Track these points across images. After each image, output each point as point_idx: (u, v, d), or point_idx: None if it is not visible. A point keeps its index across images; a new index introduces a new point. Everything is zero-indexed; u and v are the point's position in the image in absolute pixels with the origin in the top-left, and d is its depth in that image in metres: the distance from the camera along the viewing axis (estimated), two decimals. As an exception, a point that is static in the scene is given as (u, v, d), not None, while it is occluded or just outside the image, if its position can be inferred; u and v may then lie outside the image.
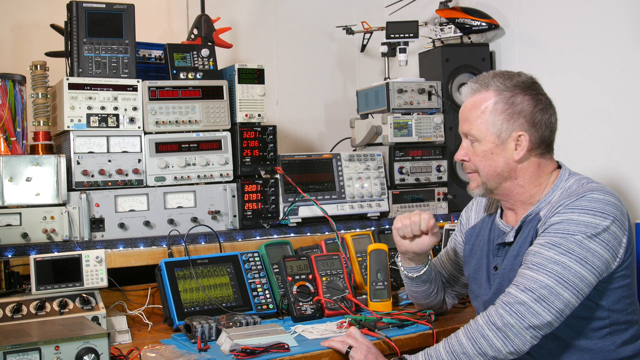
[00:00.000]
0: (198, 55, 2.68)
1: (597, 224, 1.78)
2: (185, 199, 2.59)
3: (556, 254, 1.76)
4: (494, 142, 1.94)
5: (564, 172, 1.98)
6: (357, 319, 2.15)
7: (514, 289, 1.78)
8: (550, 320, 1.74)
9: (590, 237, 1.77)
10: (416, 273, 2.17)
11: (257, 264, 2.44)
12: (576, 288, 1.74)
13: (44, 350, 1.63)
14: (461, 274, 2.26)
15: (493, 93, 1.95)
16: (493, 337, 1.75)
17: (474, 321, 1.82)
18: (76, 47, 2.48)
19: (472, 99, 1.98)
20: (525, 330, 1.73)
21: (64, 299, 2.12)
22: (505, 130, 1.93)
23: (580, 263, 1.75)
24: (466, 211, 2.28)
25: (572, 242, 1.77)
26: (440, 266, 2.32)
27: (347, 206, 2.85)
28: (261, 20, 3.67)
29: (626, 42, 2.73)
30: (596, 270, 1.77)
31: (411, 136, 3.03)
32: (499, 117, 1.93)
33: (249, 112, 2.69)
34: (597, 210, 1.80)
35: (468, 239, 2.18)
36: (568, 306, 1.75)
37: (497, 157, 1.94)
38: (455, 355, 1.79)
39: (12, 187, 2.31)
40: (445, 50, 3.24)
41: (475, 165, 1.98)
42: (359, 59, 3.93)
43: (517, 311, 1.74)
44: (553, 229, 1.81)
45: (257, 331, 2.01)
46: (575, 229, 1.78)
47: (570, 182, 1.94)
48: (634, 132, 2.72)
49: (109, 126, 2.50)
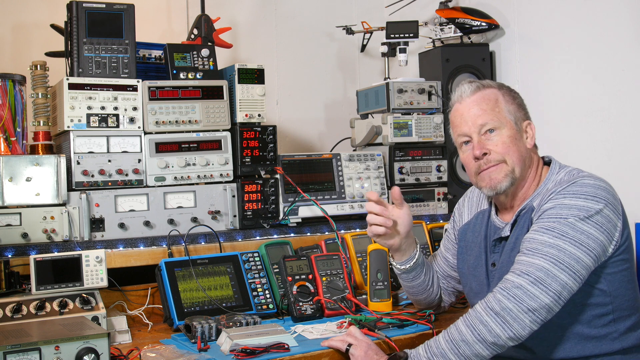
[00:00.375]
0: (198, 55, 2.68)
1: (590, 207, 1.79)
2: (185, 199, 2.59)
3: (550, 238, 1.77)
4: (515, 128, 1.97)
5: (555, 166, 2.00)
6: (357, 319, 2.15)
7: (511, 275, 1.79)
8: (548, 302, 1.73)
9: (583, 220, 1.78)
10: (411, 261, 2.17)
11: (257, 264, 2.44)
12: (572, 270, 1.74)
13: (44, 350, 1.63)
14: (455, 270, 2.27)
15: (495, 88, 2.01)
16: (492, 322, 1.74)
17: (472, 309, 1.81)
18: (76, 47, 2.48)
19: (475, 96, 2.00)
20: (523, 313, 1.72)
21: (64, 299, 2.12)
22: (519, 119, 1.99)
23: (574, 245, 1.76)
24: (458, 208, 2.28)
25: (565, 225, 1.78)
26: (435, 264, 2.32)
27: (347, 206, 2.85)
28: (261, 20, 3.67)
29: (626, 42, 2.73)
30: (591, 252, 1.77)
31: (411, 136, 3.03)
32: (512, 106, 1.99)
33: (249, 112, 2.69)
34: (589, 194, 1.81)
35: (462, 235, 2.19)
36: (565, 288, 1.74)
37: (520, 143, 1.97)
38: (455, 344, 1.78)
39: (12, 187, 2.31)
40: (445, 50, 3.25)
41: (502, 154, 1.96)
42: (359, 59, 3.93)
43: (515, 295, 1.73)
44: (546, 215, 1.83)
45: (257, 331, 2.01)
46: (568, 213, 1.79)
47: (562, 175, 1.96)
48: (634, 132, 2.72)
49: (109, 126, 2.50)
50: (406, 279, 2.22)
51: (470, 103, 2.00)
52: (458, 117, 2.03)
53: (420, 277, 2.21)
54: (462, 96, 2.02)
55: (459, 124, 2.03)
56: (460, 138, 2.04)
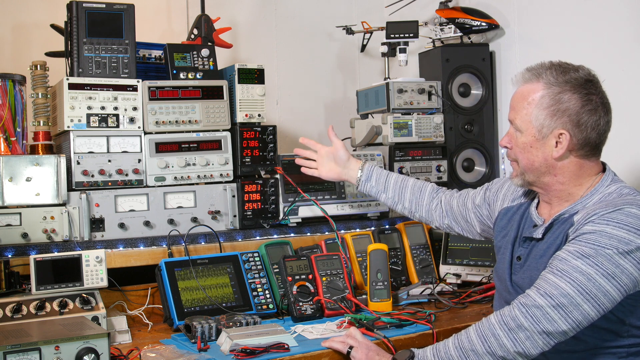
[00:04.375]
0: (198, 55, 2.68)
1: (631, 240, 1.72)
2: (185, 199, 2.59)
3: (583, 264, 1.71)
4: (535, 136, 1.89)
5: (607, 177, 1.91)
6: (357, 318, 2.15)
7: (534, 291, 1.74)
8: (565, 329, 1.70)
9: (622, 254, 1.71)
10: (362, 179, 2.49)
11: (257, 264, 2.44)
12: (598, 302, 1.69)
13: (44, 350, 1.63)
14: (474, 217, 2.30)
15: (542, 86, 1.88)
16: (504, 336, 1.73)
17: (486, 319, 1.79)
18: (76, 47, 2.48)
19: (522, 88, 1.93)
20: (538, 335, 1.70)
21: (64, 299, 2.12)
22: (547, 127, 1.87)
23: (607, 278, 1.70)
24: (501, 185, 2.24)
25: (602, 255, 1.71)
26: (464, 195, 2.35)
27: (347, 206, 2.85)
28: (261, 20, 3.67)
29: (626, 42, 2.73)
30: (623, 287, 1.71)
31: (411, 136, 3.03)
32: (543, 112, 1.87)
33: (249, 112, 2.69)
34: (633, 226, 1.73)
35: (503, 215, 2.13)
36: (586, 318, 1.71)
37: (535, 152, 1.90)
38: (464, 352, 1.77)
39: (12, 187, 2.31)
40: (445, 50, 3.24)
41: (515, 155, 1.96)
42: (359, 59, 3.93)
43: (533, 314, 1.71)
44: (584, 238, 1.75)
45: (257, 331, 2.01)
46: (608, 243, 1.72)
47: (612, 189, 1.87)
48: (634, 132, 2.72)
49: (109, 126, 2.50)
50: (373, 192, 2.50)
51: (515, 94, 1.95)
52: (510, 101, 1.98)
53: (384, 193, 2.47)
54: (514, 81, 1.97)
55: (510, 107, 1.99)
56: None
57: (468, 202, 2.33)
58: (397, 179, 2.48)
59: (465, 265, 2.77)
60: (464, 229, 2.37)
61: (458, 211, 2.35)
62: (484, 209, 2.27)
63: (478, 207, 2.28)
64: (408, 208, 2.47)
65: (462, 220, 2.35)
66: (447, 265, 2.82)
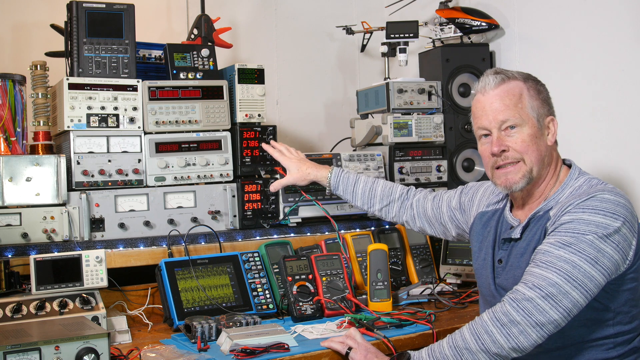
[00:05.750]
0: (198, 55, 2.68)
1: (609, 224, 1.76)
2: (185, 199, 2.59)
3: (566, 253, 1.74)
4: (536, 125, 1.92)
5: (574, 171, 1.96)
6: (357, 318, 2.15)
7: (522, 286, 1.76)
8: (557, 318, 1.72)
9: (602, 238, 1.75)
10: (331, 189, 2.50)
11: (257, 264, 2.44)
12: (585, 287, 1.73)
13: (44, 350, 1.63)
14: (449, 221, 2.32)
15: (520, 81, 1.94)
16: (497, 333, 1.74)
17: (479, 317, 1.80)
18: (76, 47, 2.48)
19: (499, 88, 1.94)
20: (531, 327, 1.72)
21: (64, 299, 2.12)
22: (542, 115, 1.94)
23: (590, 263, 1.73)
24: (475, 190, 2.26)
25: (583, 241, 1.75)
26: (439, 198, 2.36)
27: (347, 206, 2.84)
28: (261, 20, 3.67)
29: (626, 42, 2.73)
30: (606, 271, 1.75)
31: (411, 136, 3.03)
32: (536, 101, 1.93)
33: (249, 112, 2.69)
34: (608, 211, 1.78)
35: (479, 220, 2.15)
36: (576, 305, 1.73)
37: (540, 141, 1.93)
38: (458, 351, 1.78)
39: (12, 187, 2.31)
40: (445, 50, 3.24)
41: (521, 153, 1.93)
42: (359, 59, 3.93)
43: (524, 308, 1.72)
44: (564, 228, 1.79)
45: (257, 331, 2.01)
46: (587, 229, 1.76)
47: (581, 182, 1.92)
48: (634, 132, 2.72)
49: (109, 126, 2.50)
50: (344, 194, 2.51)
51: (493, 96, 1.94)
52: (480, 109, 1.97)
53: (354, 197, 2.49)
54: (485, 88, 1.96)
55: (479, 116, 1.97)
56: (480, 130, 1.99)
57: (443, 206, 2.34)
58: (364, 186, 2.48)
59: (466, 265, 2.77)
60: (438, 231, 2.40)
61: (432, 214, 2.37)
62: (459, 212, 2.29)
63: (454, 210, 2.30)
64: (379, 215, 2.51)
65: (436, 223, 2.38)
66: (447, 265, 2.82)
